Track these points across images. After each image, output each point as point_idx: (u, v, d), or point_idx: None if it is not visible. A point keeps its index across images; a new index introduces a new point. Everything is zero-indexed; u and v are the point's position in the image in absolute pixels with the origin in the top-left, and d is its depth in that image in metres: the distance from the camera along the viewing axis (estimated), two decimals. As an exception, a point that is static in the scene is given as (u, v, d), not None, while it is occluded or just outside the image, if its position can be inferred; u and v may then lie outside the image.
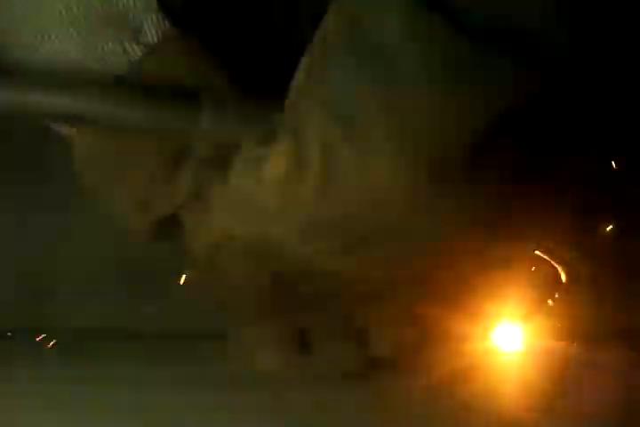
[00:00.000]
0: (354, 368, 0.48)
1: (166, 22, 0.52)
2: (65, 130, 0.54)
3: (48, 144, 0.67)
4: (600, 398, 0.43)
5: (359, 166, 0.36)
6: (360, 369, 0.48)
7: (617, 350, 0.54)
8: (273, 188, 0.38)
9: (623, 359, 0.51)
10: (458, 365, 0.48)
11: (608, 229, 0.58)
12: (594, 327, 0.59)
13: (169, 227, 0.56)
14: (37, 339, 0.62)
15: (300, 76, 0.38)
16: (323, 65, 0.37)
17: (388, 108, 0.36)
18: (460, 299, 0.50)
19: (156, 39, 0.52)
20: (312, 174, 0.37)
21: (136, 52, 0.51)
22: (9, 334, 0.64)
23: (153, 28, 0.52)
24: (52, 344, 0.60)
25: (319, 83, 0.37)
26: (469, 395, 0.46)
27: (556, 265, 0.48)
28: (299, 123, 0.38)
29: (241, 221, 0.42)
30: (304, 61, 0.38)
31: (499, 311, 0.51)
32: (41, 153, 0.70)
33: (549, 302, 0.49)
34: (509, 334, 0.51)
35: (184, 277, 0.61)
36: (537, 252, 0.48)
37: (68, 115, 0.44)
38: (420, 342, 0.50)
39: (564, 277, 0.48)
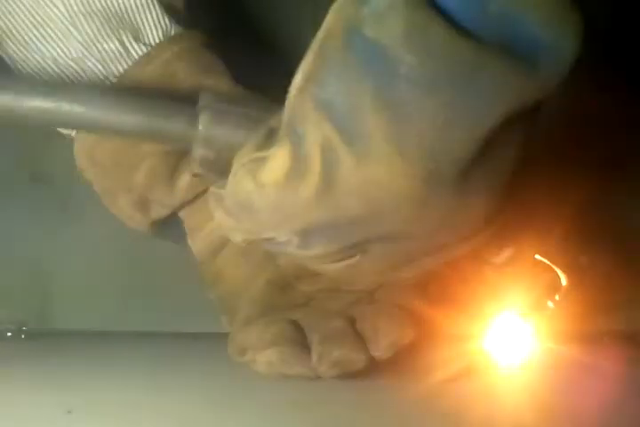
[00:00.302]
0: (354, 368, 0.48)
1: (166, 22, 0.52)
2: (65, 130, 0.54)
3: (48, 144, 0.67)
4: (599, 400, 0.43)
5: (358, 168, 0.36)
6: (360, 369, 0.48)
7: (616, 350, 0.54)
8: (272, 190, 0.38)
9: (622, 360, 0.51)
10: (457, 365, 0.48)
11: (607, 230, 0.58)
12: (593, 328, 0.60)
13: (169, 227, 0.56)
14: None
15: (298, 77, 0.38)
16: (321, 65, 0.37)
17: (386, 109, 0.35)
18: (460, 299, 0.50)
19: (156, 39, 0.52)
20: (312, 177, 0.37)
21: (136, 51, 0.51)
22: (9, 334, 0.65)
23: (153, 27, 0.52)
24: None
25: (318, 83, 0.37)
26: (468, 395, 0.46)
27: (556, 268, 0.48)
28: (298, 124, 0.37)
29: (240, 224, 0.42)
30: (303, 62, 0.38)
31: (498, 312, 0.51)
32: (41, 153, 0.70)
33: (550, 304, 0.49)
34: (509, 335, 0.51)
35: (184, 277, 0.61)
36: (537, 255, 0.48)
37: (66, 121, 0.44)
38: (419, 342, 0.50)
39: (564, 280, 0.48)
